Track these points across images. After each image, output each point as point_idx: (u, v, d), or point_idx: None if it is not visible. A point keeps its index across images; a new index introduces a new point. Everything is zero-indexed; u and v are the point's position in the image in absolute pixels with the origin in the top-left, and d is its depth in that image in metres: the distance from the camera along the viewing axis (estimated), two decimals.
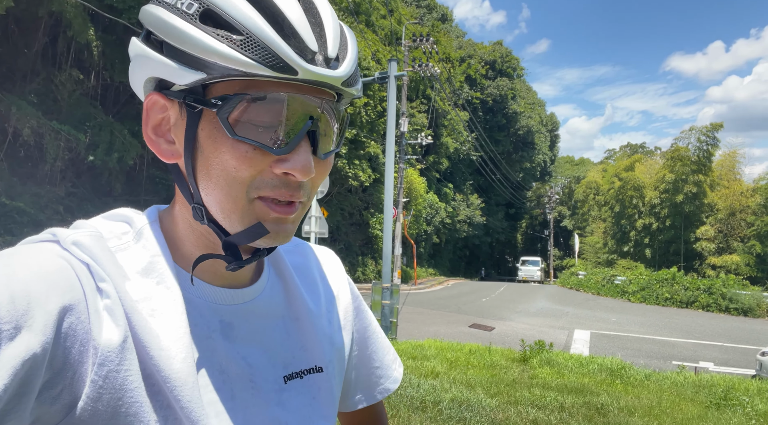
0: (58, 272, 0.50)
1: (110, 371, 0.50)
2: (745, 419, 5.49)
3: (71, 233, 0.56)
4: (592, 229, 42.40)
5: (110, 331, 0.51)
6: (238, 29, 0.52)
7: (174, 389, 0.53)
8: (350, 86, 0.58)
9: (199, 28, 0.52)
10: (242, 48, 0.51)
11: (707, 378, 7.56)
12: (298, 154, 0.54)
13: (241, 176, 0.54)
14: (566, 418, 5.20)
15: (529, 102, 54.63)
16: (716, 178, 31.21)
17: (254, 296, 0.66)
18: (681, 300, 21.52)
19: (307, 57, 0.53)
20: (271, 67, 0.51)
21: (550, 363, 8.05)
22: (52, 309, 0.47)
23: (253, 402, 0.61)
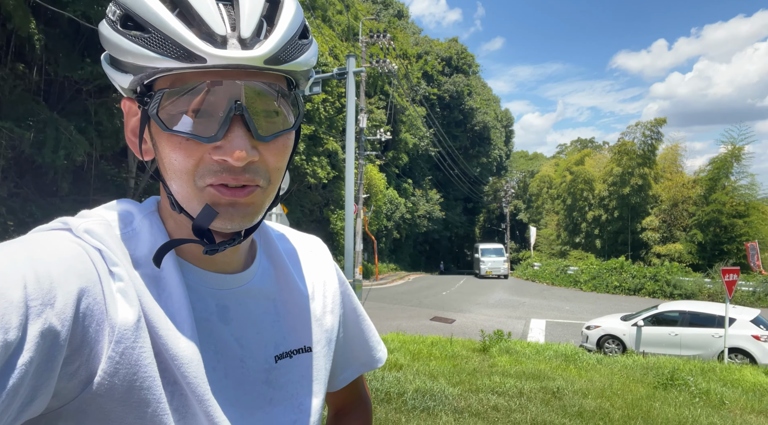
0: (75, 257, 0.54)
1: (126, 348, 0.53)
2: (690, 397, 5.86)
3: (83, 221, 0.59)
4: (546, 222, 43.67)
5: (125, 311, 0.54)
6: (147, 28, 0.54)
7: (181, 366, 0.56)
8: (282, 63, 0.56)
9: (118, 32, 0.55)
10: (151, 44, 0.53)
11: (654, 361, 8.00)
12: (230, 140, 0.55)
13: (183, 167, 0.56)
14: (525, 403, 5.41)
15: (484, 98, 55.63)
16: (660, 170, 32.74)
17: (247, 280, 0.69)
18: (629, 287, 22.54)
19: (216, 42, 0.53)
20: (178, 58, 0.53)
21: (509, 352, 8.32)
22: (71, 289, 0.50)
23: (243, 380, 0.65)
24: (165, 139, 0.57)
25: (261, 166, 0.58)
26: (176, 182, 0.58)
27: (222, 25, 0.54)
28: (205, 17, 0.53)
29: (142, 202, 0.69)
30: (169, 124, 0.55)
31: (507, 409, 5.16)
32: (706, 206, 28.08)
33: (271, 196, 0.62)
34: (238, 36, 0.54)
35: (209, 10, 0.54)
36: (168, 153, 0.57)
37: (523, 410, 5.13)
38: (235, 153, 0.54)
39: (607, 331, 10.85)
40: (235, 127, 0.55)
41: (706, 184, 28.83)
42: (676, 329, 10.17)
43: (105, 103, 16.64)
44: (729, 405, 5.62)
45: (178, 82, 0.55)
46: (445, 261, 51.75)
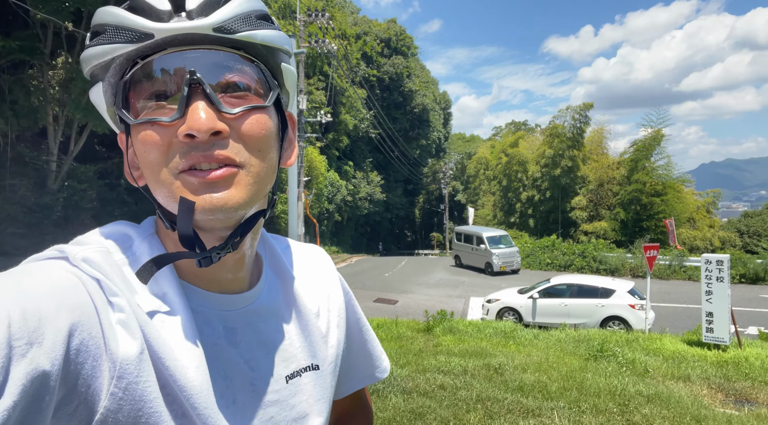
0: (69, 288, 0.51)
1: (130, 383, 0.51)
2: (618, 367, 6.34)
3: (80, 250, 0.56)
4: (483, 202, 45.04)
5: (127, 344, 0.52)
6: (104, 29, 0.55)
7: (190, 397, 0.54)
8: (234, 33, 0.55)
9: (86, 47, 0.57)
10: (106, 39, 0.55)
11: (585, 334, 8.56)
12: (192, 112, 0.53)
13: (155, 157, 0.54)
14: (469, 380, 5.64)
15: (423, 80, 56.02)
16: (587, 152, 34.52)
17: (255, 299, 0.67)
18: (560, 264, 23.80)
19: (162, 18, 0.54)
20: (129, 41, 0.54)
21: (452, 331, 8.62)
22: (62, 325, 0.47)
23: (252, 404, 0.63)
24: (136, 136, 0.56)
25: (235, 142, 0.55)
26: (155, 183, 0.56)
27: (167, 3, 0.54)
28: (151, 0, 0.54)
29: (139, 224, 0.66)
30: (134, 115, 0.55)
31: (453, 387, 5.36)
32: (628, 186, 30.00)
33: (259, 179, 0.57)
34: (186, 11, 0.54)
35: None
36: (140, 148, 0.55)
37: (469, 387, 5.36)
38: (197, 122, 0.52)
39: (506, 304, 11.77)
40: (198, 101, 0.53)
41: (629, 165, 30.74)
42: (566, 300, 11.17)
43: (20, 80, 15.31)
44: (652, 372, 6.14)
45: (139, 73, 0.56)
46: (386, 243, 52.29)
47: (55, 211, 16.59)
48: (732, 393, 5.51)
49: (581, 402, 4.93)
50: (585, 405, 4.85)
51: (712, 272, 7.41)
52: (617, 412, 4.68)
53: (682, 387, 5.60)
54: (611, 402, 4.95)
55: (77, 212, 17.70)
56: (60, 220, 16.81)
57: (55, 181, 17.30)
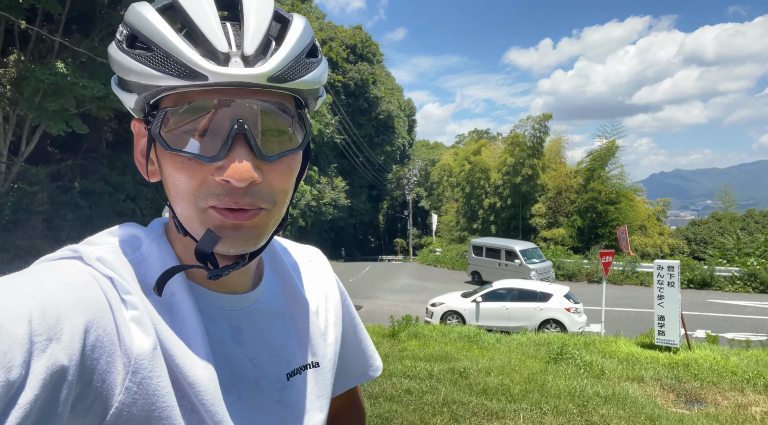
0: (84, 286, 0.53)
1: (144, 377, 0.53)
2: (577, 369, 6.56)
3: (93, 249, 0.58)
4: (446, 209, 45.59)
5: (141, 340, 0.54)
6: (150, 46, 0.54)
7: (198, 394, 0.56)
8: (286, 81, 0.55)
9: (124, 52, 0.55)
10: (153, 63, 0.53)
11: (545, 337, 8.80)
12: (232, 159, 0.54)
13: (186, 187, 0.56)
14: (435, 384, 5.73)
15: (388, 87, 56.36)
16: (547, 161, 35.51)
17: (257, 299, 0.69)
18: None
19: (219, 59, 0.53)
20: (179, 75, 0.52)
21: (417, 336, 8.70)
22: (79, 322, 0.49)
23: (256, 402, 0.65)
24: (168, 159, 0.56)
25: (265, 189, 0.57)
26: (179, 204, 0.57)
27: (225, 42, 0.53)
28: (208, 35, 0.53)
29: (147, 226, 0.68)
30: (171, 143, 0.55)
31: (419, 391, 5.43)
32: (585, 194, 31.02)
33: (277, 218, 0.61)
34: (242, 54, 0.53)
35: (212, 28, 0.54)
36: (171, 173, 0.56)
37: (434, 391, 5.43)
38: (237, 173, 0.53)
39: (450, 308, 12.10)
40: (238, 147, 0.54)
41: (585, 174, 31.81)
42: (507, 304, 11.61)
43: None
44: (608, 374, 6.38)
45: (181, 100, 0.55)
46: (350, 248, 52.12)
47: (3, 214, 15.80)
48: (683, 393, 5.79)
49: (543, 403, 5.08)
50: (546, 406, 5.00)
51: (663, 277, 7.77)
52: (577, 413, 4.86)
53: (637, 387, 5.85)
54: (571, 403, 5.12)
55: (27, 215, 16.92)
56: (8, 224, 16.03)
57: (3, 183, 16.49)
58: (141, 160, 0.63)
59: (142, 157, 0.63)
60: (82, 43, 15.79)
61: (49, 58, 15.54)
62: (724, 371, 6.55)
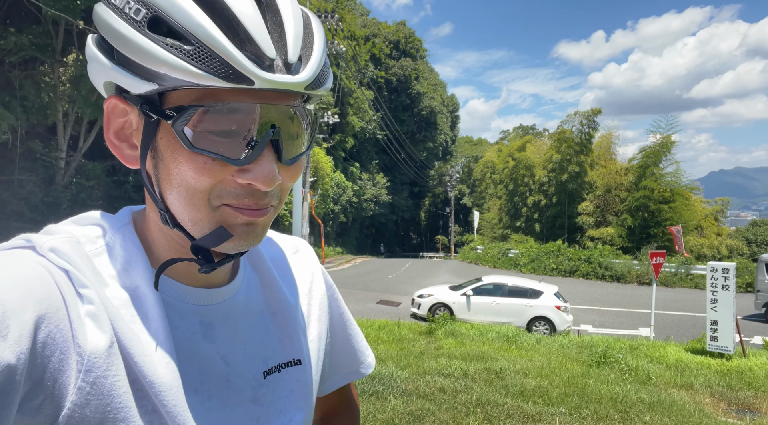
0: (36, 280, 0.49)
1: (98, 377, 0.50)
2: (620, 374, 6.29)
3: (47, 239, 0.55)
4: (489, 206, 44.96)
5: (96, 337, 0.51)
6: (188, 38, 0.49)
7: (159, 394, 0.53)
8: (317, 88, 0.54)
9: (147, 36, 0.49)
10: (193, 58, 0.48)
11: (588, 340, 8.51)
12: (260, 164, 0.52)
13: (202, 186, 0.52)
14: (470, 384, 5.62)
15: (431, 83, 56.06)
16: (595, 158, 34.39)
17: (232, 294, 0.66)
18: (565, 269, 23.70)
19: (264, 64, 0.50)
20: (224, 77, 0.48)
21: (454, 334, 8.59)
22: (28, 318, 0.46)
23: (229, 401, 0.61)
24: (185, 156, 0.52)
25: (277, 189, 0.57)
26: (185, 200, 0.54)
27: (271, 47, 0.51)
28: (256, 37, 0.50)
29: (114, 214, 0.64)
30: (195, 142, 0.51)
31: (453, 390, 5.34)
32: (636, 192, 29.83)
33: (276, 214, 0.60)
34: (284, 60, 0.52)
35: (261, 29, 0.51)
36: (186, 170, 0.52)
37: (468, 391, 5.33)
38: (266, 179, 0.52)
39: (439, 300, 11.96)
40: (266, 152, 0.53)
41: (637, 172, 30.57)
42: (497, 299, 11.53)
43: (31, 76, 15.46)
44: (655, 380, 6.09)
45: (207, 97, 0.51)
46: (390, 245, 52.29)
47: (62, 207, 16.72)
48: (735, 402, 5.45)
49: (582, 408, 4.89)
50: (586, 411, 4.81)
51: (717, 280, 7.34)
52: (618, 419, 4.64)
53: (685, 395, 5.55)
54: (612, 409, 4.91)
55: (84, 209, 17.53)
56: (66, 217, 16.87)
57: (63, 178, 17.43)
58: (116, 142, 0.58)
59: (117, 138, 0.57)
60: None
61: None
62: None
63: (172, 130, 0.51)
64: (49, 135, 17.67)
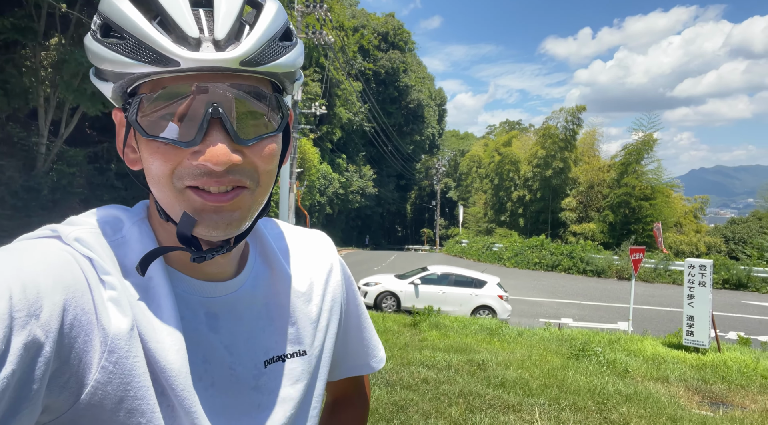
0: (64, 265, 0.53)
1: (120, 357, 0.54)
2: (599, 366, 6.44)
3: (72, 229, 0.59)
4: (475, 200, 45.21)
5: (118, 320, 0.55)
6: (122, 34, 0.54)
7: (169, 378, 0.57)
8: (260, 64, 0.56)
9: (98, 41, 0.55)
10: (126, 50, 0.53)
11: (568, 333, 8.66)
12: (207, 143, 0.54)
13: (161, 171, 0.56)
14: (452, 375, 5.72)
15: (419, 76, 55.95)
16: (579, 154, 34.77)
17: (239, 286, 0.68)
18: (547, 264, 24.00)
19: (189, 45, 0.53)
20: (152, 62, 0.52)
21: (438, 326, 8.68)
22: (58, 300, 0.50)
23: (230, 387, 0.65)
24: (145, 145, 0.57)
25: (248, 167, 0.57)
26: (157, 188, 0.57)
27: (195, 27, 0.53)
28: (179, 20, 0.53)
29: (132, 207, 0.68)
30: (148, 129, 0.55)
31: (436, 381, 5.43)
32: (618, 189, 30.24)
33: (261, 199, 0.61)
34: (213, 38, 0.54)
35: (182, 13, 0.54)
36: (147, 158, 0.57)
37: (451, 382, 5.43)
38: (214, 157, 0.54)
39: (386, 289, 12.20)
40: (214, 131, 0.54)
41: (619, 169, 30.98)
42: (444, 288, 11.91)
43: (12, 60, 15.09)
44: (632, 373, 6.25)
45: (157, 87, 0.55)
46: (376, 237, 52.31)
47: (42, 193, 16.43)
48: (708, 395, 5.63)
49: (561, 399, 5.02)
50: (565, 402, 4.94)
51: (694, 277, 7.53)
52: (595, 410, 4.78)
53: (661, 387, 5.71)
54: (590, 400, 5.04)
55: (65, 196, 17.54)
56: (47, 203, 16.65)
57: (44, 164, 17.11)
58: (124, 150, 0.63)
59: (124, 146, 0.62)
60: None
61: None
62: (753, 374, 6.33)
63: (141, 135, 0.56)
64: (30, 120, 17.31)
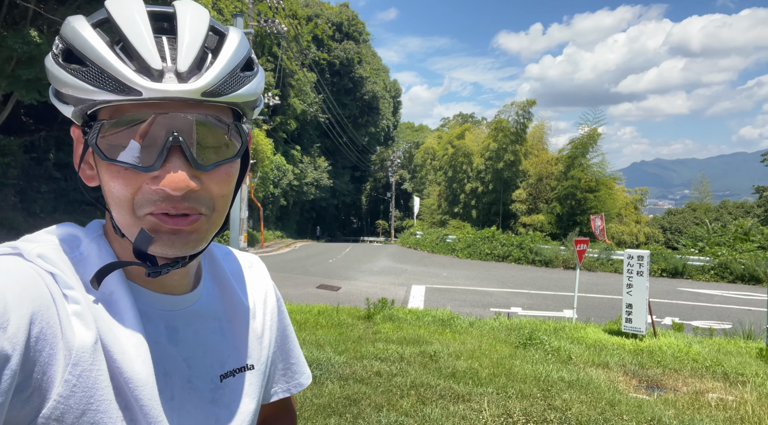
0: (28, 280, 0.54)
1: (84, 370, 0.54)
2: (544, 354, 6.71)
3: (34, 246, 0.59)
4: (429, 192, 45.74)
5: (82, 334, 0.55)
6: (84, 61, 0.55)
7: (135, 390, 0.58)
8: (221, 95, 0.57)
9: (60, 65, 0.57)
10: (88, 78, 0.55)
11: (517, 322, 8.96)
12: (167, 169, 0.56)
13: (122, 195, 0.57)
14: (405, 367, 5.81)
15: (374, 67, 55.80)
16: (529, 147, 35.76)
17: (195, 301, 0.71)
18: (499, 254, 24.63)
19: (152, 75, 0.54)
20: (114, 91, 0.54)
21: (392, 319, 8.77)
22: (24, 313, 0.50)
23: (189, 400, 0.66)
24: (105, 168, 0.58)
25: (204, 195, 0.59)
26: (116, 209, 0.59)
27: (158, 59, 0.55)
28: (141, 51, 0.55)
29: (85, 226, 0.69)
30: (108, 153, 0.56)
31: (389, 374, 5.51)
32: (565, 181, 31.35)
33: (218, 223, 0.64)
34: (176, 70, 0.55)
35: (145, 43, 0.55)
36: (107, 181, 0.58)
37: (404, 374, 5.52)
38: (173, 183, 0.55)
39: None
40: (173, 157, 0.56)
41: (566, 162, 32.11)
42: None
43: None
44: (575, 359, 6.54)
45: (117, 113, 0.57)
46: (331, 229, 52.03)
47: None
48: (645, 379, 5.98)
49: (508, 387, 5.20)
50: (512, 390, 5.12)
51: (633, 266, 7.95)
52: (540, 397, 4.99)
53: (601, 373, 6.01)
54: (536, 387, 5.26)
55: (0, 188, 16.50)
56: None
57: None
58: (81, 166, 0.64)
59: (81, 163, 0.64)
60: (58, 10, 15.26)
61: (23, 25, 15.00)
62: (686, 358, 6.76)
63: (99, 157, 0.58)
64: None
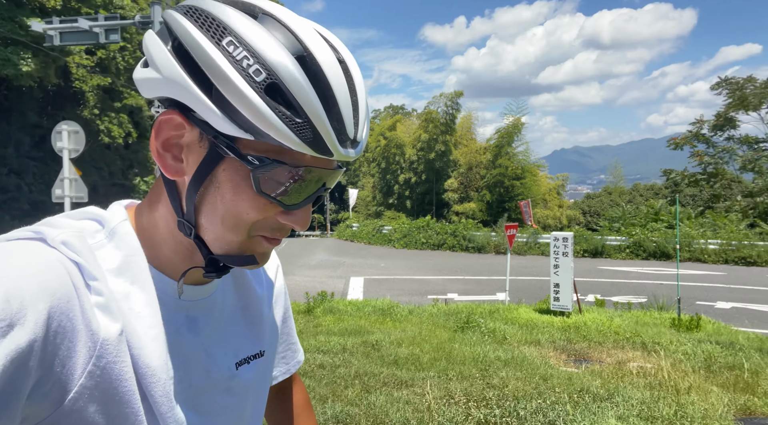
0: (50, 271, 0.52)
1: (108, 362, 0.54)
2: (481, 336, 6.98)
3: (58, 232, 0.57)
4: (363, 184, 45.88)
5: (107, 325, 0.55)
6: (298, 111, 0.54)
7: (149, 385, 0.57)
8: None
9: (265, 101, 0.53)
10: (298, 129, 0.54)
11: (454, 307, 9.24)
12: (302, 210, 0.62)
13: (250, 219, 0.59)
14: (348, 357, 5.84)
15: None
16: (459, 138, 36.75)
17: (213, 290, 0.71)
18: (434, 243, 25.22)
19: (344, 141, 0.58)
20: (315, 148, 0.56)
21: (332, 311, 8.78)
22: (42, 307, 0.49)
23: (205, 389, 0.68)
24: (249, 195, 0.58)
25: None
26: (226, 226, 0.59)
27: (353, 129, 0.59)
28: (345, 119, 0.58)
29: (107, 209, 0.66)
30: (263, 186, 0.57)
31: (332, 365, 5.52)
32: (493, 170, 32.57)
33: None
34: (353, 138, 0.60)
35: (349, 112, 0.58)
36: (244, 206, 0.58)
37: (347, 365, 5.55)
38: (304, 222, 0.62)
39: None
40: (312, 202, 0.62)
41: (494, 151, 33.34)
42: None
43: None
44: (509, 339, 6.86)
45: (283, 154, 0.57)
46: None
47: None
48: (573, 353, 6.38)
49: (449, 370, 5.38)
50: (452, 372, 5.30)
51: (559, 248, 8.42)
52: (479, 377, 5.19)
53: (534, 350, 6.35)
54: (474, 368, 5.47)
55: None
56: None
57: None
58: (161, 150, 0.60)
59: (162, 148, 0.59)
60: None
61: None
62: (608, 331, 7.28)
63: (242, 169, 0.57)
64: None
